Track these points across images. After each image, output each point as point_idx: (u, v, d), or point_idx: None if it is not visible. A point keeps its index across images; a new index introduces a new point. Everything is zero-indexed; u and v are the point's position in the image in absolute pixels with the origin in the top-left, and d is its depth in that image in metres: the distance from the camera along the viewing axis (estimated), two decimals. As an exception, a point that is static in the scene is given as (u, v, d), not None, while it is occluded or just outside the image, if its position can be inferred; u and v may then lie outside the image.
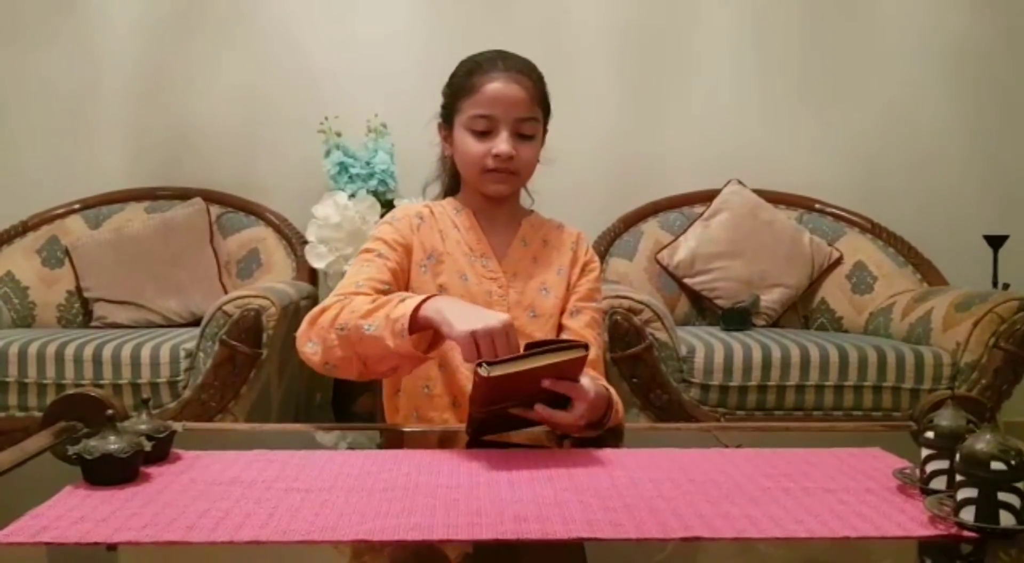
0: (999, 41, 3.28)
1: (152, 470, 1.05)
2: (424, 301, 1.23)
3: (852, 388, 2.40)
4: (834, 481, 1.04)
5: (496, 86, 1.42)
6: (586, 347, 1.16)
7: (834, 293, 2.98)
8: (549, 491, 0.99)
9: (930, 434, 0.98)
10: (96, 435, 1.02)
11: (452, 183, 1.58)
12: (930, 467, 0.98)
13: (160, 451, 1.09)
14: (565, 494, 0.98)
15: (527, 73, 1.45)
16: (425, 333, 1.24)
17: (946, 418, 0.98)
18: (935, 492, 0.95)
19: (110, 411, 1.04)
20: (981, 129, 3.29)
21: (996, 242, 2.98)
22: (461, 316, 1.18)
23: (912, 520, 0.91)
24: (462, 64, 1.49)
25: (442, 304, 1.22)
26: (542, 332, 1.46)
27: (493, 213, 1.52)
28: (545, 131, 1.51)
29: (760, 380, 2.38)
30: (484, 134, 1.43)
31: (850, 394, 2.40)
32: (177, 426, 1.14)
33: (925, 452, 0.99)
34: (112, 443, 1.00)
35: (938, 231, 3.14)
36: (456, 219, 1.51)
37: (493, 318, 1.16)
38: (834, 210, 3.12)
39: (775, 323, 2.92)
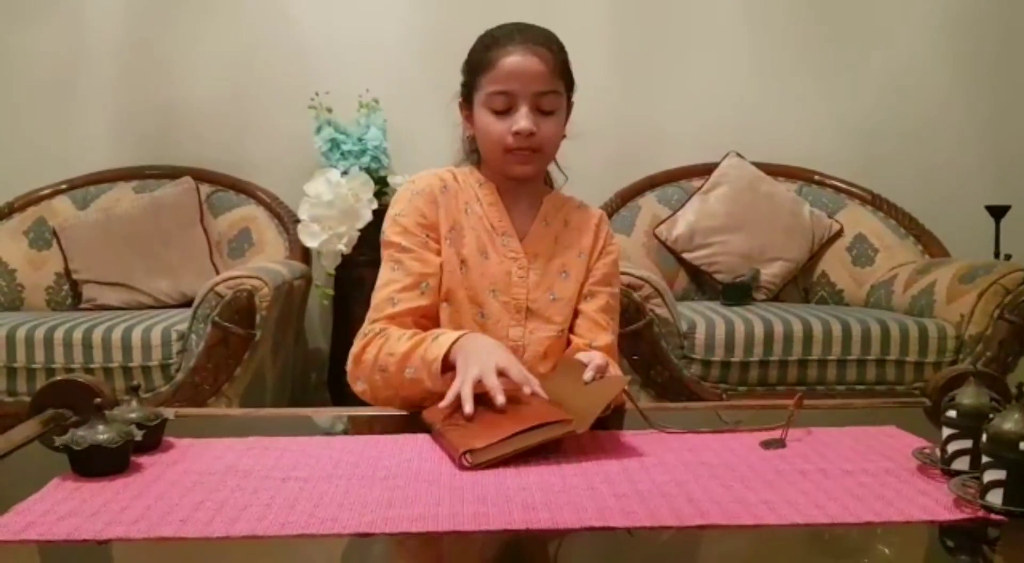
0: (998, 11, 3.22)
1: (143, 460, 1.01)
2: (456, 342, 1.24)
3: (855, 362, 2.36)
4: (851, 462, 1.01)
5: (514, 60, 1.36)
6: (571, 421, 1.08)
7: (835, 266, 2.94)
8: (557, 477, 0.96)
9: (952, 413, 0.95)
10: (84, 424, 0.98)
11: (476, 160, 1.51)
12: (952, 447, 0.94)
13: (151, 440, 1.05)
14: (574, 480, 0.94)
15: (546, 44, 1.39)
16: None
17: (969, 396, 0.95)
18: (958, 473, 0.92)
19: (98, 399, 1.00)
20: (982, 99, 3.24)
21: (998, 212, 2.94)
22: (465, 363, 1.19)
23: (936, 503, 0.87)
24: (480, 39, 1.43)
25: (466, 346, 1.23)
26: (561, 315, 1.43)
27: (516, 191, 1.46)
28: (570, 105, 1.46)
29: (762, 356, 2.35)
30: (504, 112, 1.37)
31: (853, 368, 2.37)
32: (169, 413, 1.11)
33: (947, 431, 0.95)
34: (101, 433, 0.96)
35: (939, 202, 3.09)
36: (479, 192, 1.45)
37: (487, 361, 1.16)
38: (834, 182, 3.07)
39: (775, 297, 2.88)
